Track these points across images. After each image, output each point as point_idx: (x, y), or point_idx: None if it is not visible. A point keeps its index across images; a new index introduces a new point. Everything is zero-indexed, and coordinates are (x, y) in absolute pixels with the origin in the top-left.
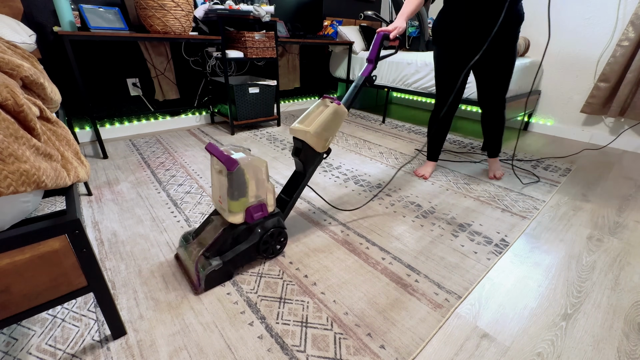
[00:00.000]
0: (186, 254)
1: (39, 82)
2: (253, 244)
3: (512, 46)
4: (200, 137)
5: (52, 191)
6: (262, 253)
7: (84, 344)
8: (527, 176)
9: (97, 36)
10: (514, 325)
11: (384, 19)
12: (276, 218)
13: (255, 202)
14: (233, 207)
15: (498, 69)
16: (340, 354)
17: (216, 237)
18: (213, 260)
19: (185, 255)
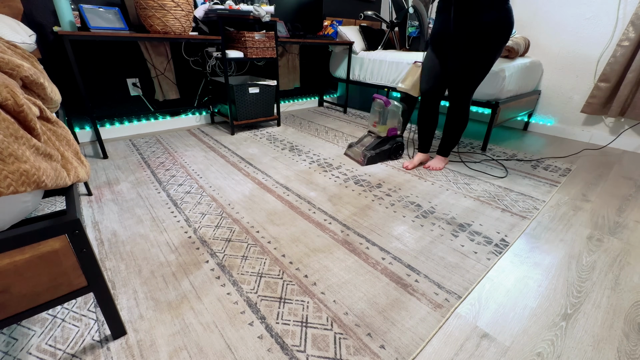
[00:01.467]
0: (354, 150)
1: (39, 82)
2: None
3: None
4: (200, 137)
5: (52, 191)
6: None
7: (84, 344)
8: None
9: (97, 36)
10: (514, 325)
11: (384, 19)
12: (400, 137)
13: (391, 126)
14: (381, 129)
15: (467, 68)
16: (340, 354)
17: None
18: (371, 151)
19: (353, 150)
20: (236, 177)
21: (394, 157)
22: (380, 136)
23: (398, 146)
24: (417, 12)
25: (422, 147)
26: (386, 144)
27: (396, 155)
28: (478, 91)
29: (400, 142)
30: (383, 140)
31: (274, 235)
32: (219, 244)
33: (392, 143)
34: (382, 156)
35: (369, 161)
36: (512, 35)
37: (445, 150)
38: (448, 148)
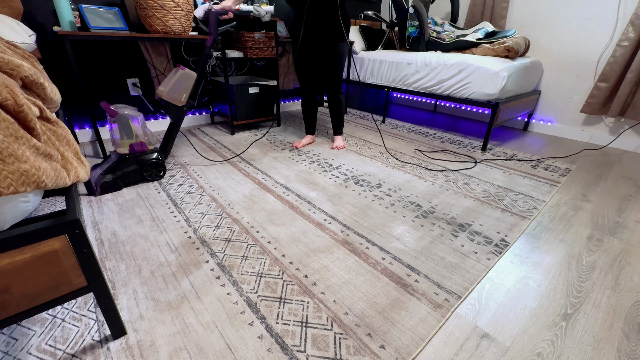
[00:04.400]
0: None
1: (39, 82)
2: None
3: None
4: (200, 137)
5: (52, 191)
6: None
7: (84, 344)
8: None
9: (97, 36)
10: (514, 325)
11: (384, 19)
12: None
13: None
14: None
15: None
16: (340, 354)
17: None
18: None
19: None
20: (236, 177)
21: (150, 178)
22: (121, 154)
23: (152, 164)
24: (417, 12)
25: (309, 129)
26: (131, 164)
27: (153, 176)
28: (478, 91)
29: (154, 159)
30: (126, 160)
31: (274, 235)
32: (219, 244)
33: (141, 161)
34: (128, 178)
35: (104, 189)
36: (511, 35)
37: (338, 131)
38: (340, 127)
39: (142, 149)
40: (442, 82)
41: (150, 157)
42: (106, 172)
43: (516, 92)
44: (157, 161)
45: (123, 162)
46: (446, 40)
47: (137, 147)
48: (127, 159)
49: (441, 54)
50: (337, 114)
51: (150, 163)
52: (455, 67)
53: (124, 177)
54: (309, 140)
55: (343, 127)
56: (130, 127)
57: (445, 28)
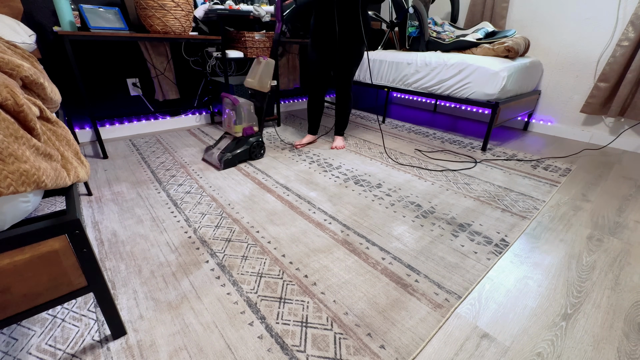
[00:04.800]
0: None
1: (39, 82)
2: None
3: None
4: (200, 137)
5: (52, 191)
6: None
7: (84, 344)
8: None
9: (97, 36)
10: (514, 325)
11: (384, 19)
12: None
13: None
14: (237, 129)
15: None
16: (340, 354)
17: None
18: (228, 154)
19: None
20: (236, 177)
21: (255, 157)
22: (236, 137)
23: (257, 144)
24: (417, 12)
25: (311, 129)
26: (244, 145)
27: (257, 155)
28: (478, 91)
29: (259, 140)
30: (240, 141)
31: (274, 235)
32: (219, 244)
33: (250, 142)
34: (241, 157)
35: (226, 164)
36: (511, 35)
37: (341, 131)
38: (344, 127)
39: (252, 131)
40: (442, 82)
41: (257, 138)
42: (225, 151)
43: (516, 92)
44: (262, 142)
45: (238, 142)
46: (446, 40)
47: (248, 130)
48: (240, 140)
49: (441, 54)
50: (343, 114)
51: (257, 144)
52: (455, 67)
53: (239, 155)
54: (310, 139)
55: (345, 129)
56: (242, 114)
57: (445, 28)
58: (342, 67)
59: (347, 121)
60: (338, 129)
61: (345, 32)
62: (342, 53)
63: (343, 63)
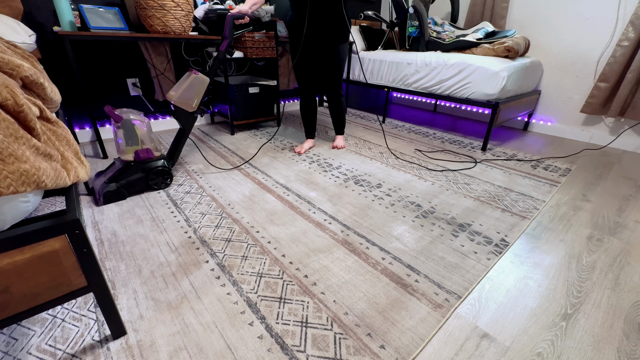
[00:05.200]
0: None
1: (39, 82)
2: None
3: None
4: (200, 137)
5: (52, 191)
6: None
7: (84, 344)
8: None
9: (97, 36)
10: (514, 325)
11: (384, 19)
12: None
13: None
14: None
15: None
16: (340, 354)
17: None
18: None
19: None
20: (236, 177)
21: (156, 187)
22: (126, 161)
23: (158, 171)
24: (417, 12)
25: (309, 134)
26: (137, 172)
27: (159, 184)
28: (478, 91)
29: (160, 166)
30: (131, 168)
31: (274, 235)
32: (219, 244)
33: (146, 169)
34: (134, 187)
35: (107, 198)
36: (511, 35)
37: (340, 130)
38: (341, 127)
39: (148, 155)
40: (442, 82)
41: (156, 164)
42: (110, 181)
43: (516, 92)
44: (164, 169)
45: (128, 169)
46: (446, 40)
47: (143, 154)
48: (132, 167)
49: (441, 54)
50: (338, 115)
51: (157, 171)
52: (455, 67)
53: (128, 186)
54: (310, 144)
55: (344, 127)
56: (135, 133)
57: (445, 28)
58: (326, 68)
59: (343, 120)
60: (337, 129)
61: (325, 31)
62: (324, 53)
63: (326, 63)
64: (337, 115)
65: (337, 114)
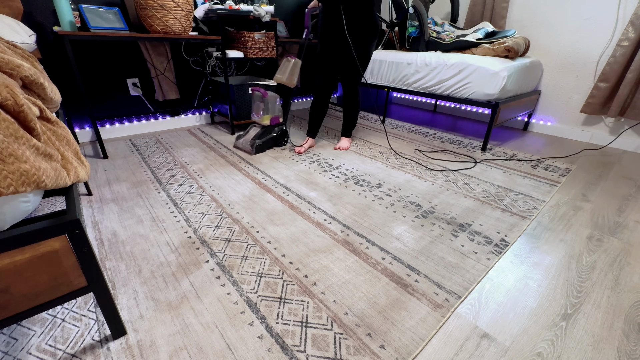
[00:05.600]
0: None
1: (39, 82)
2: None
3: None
4: (200, 137)
5: (52, 191)
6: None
7: (84, 344)
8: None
9: (97, 36)
10: (514, 325)
11: (384, 19)
12: (283, 124)
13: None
14: (265, 119)
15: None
16: (340, 354)
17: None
18: (258, 140)
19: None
20: (236, 177)
21: (280, 144)
22: (264, 125)
23: (283, 133)
24: (417, 12)
25: (312, 133)
26: (271, 132)
27: (282, 142)
28: (478, 91)
29: (283, 129)
30: (268, 129)
31: (274, 235)
32: (219, 244)
33: (277, 130)
34: (269, 143)
35: (257, 150)
36: (511, 35)
37: (348, 132)
38: (351, 128)
39: (278, 121)
40: (442, 82)
41: (282, 128)
42: (255, 138)
43: (516, 92)
44: (285, 131)
45: (265, 131)
46: (446, 40)
47: (275, 120)
48: (267, 129)
49: (441, 54)
50: (352, 115)
51: (282, 132)
52: (455, 67)
53: (267, 142)
54: (311, 143)
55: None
56: (273, 105)
57: (445, 28)
58: (353, 65)
59: (355, 122)
60: (346, 129)
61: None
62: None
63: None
64: (351, 115)
65: (352, 113)
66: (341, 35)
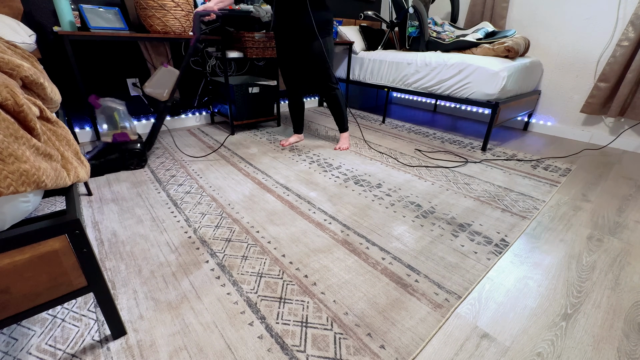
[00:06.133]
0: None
1: (39, 82)
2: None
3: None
4: (200, 137)
5: (52, 191)
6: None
7: (84, 344)
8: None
9: (97, 36)
10: (514, 325)
11: (384, 19)
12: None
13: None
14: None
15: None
16: (340, 354)
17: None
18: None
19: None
20: (236, 177)
21: (131, 167)
22: (106, 143)
23: (133, 154)
24: (417, 12)
25: (296, 129)
26: (113, 152)
27: (133, 165)
28: (478, 91)
29: (136, 149)
30: (110, 148)
31: (274, 235)
32: (219, 244)
33: (122, 151)
34: (110, 165)
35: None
36: (511, 35)
37: (342, 128)
38: (343, 125)
39: (124, 139)
40: (442, 82)
41: (133, 146)
42: (91, 159)
43: (516, 92)
44: (139, 151)
45: (107, 150)
46: (446, 40)
47: (120, 137)
48: (110, 147)
49: (441, 54)
50: (336, 111)
51: (132, 152)
52: (455, 67)
53: (107, 164)
54: (296, 139)
55: (347, 124)
56: (114, 118)
57: (445, 28)
58: (307, 65)
59: (344, 117)
60: (339, 126)
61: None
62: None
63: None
64: (335, 109)
65: (335, 108)
66: (293, 34)
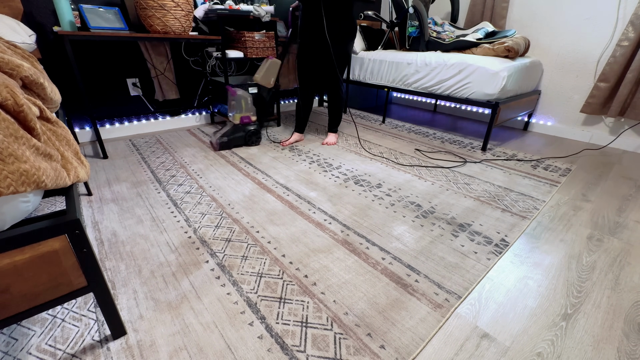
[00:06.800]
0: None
1: (39, 82)
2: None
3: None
4: (200, 137)
5: (52, 191)
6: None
7: (84, 344)
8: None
9: (97, 36)
10: (514, 325)
11: (384, 19)
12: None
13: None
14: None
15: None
16: (340, 354)
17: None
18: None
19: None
20: (236, 177)
21: (250, 144)
22: (234, 124)
23: (252, 132)
24: (417, 12)
25: (299, 128)
26: (240, 131)
27: (252, 142)
28: (478, 91)
29: (254, 129)
30: (237, 128)
31: (274, 235)
32: (219, 244)
33: (246, 130)
34: (237, 142)
35: (222, 146)
36: (511, 35)
37: (334, 128)
38: (337, 124)
39: (248, 120)
40: (442, 82)
41: (252, 127)
42: (222, 135)
43: (516, 92)
44: (256, 131)
45: (236, 129)
46: (446, 40)
47: (245, 119)
48: (237, 127)
49: (441, 54)
50: (336, 112)
51: (253, 132)
52: (455, 67)
53: (234, 140)
54: (297, 138)
55: (338, 126)
56: (242, 105)
57: (445, 28)
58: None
59: (340, 118)
60: (331, 125)
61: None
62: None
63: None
64: (335, 111)
65: (336, 110)
66: (321, 36)
